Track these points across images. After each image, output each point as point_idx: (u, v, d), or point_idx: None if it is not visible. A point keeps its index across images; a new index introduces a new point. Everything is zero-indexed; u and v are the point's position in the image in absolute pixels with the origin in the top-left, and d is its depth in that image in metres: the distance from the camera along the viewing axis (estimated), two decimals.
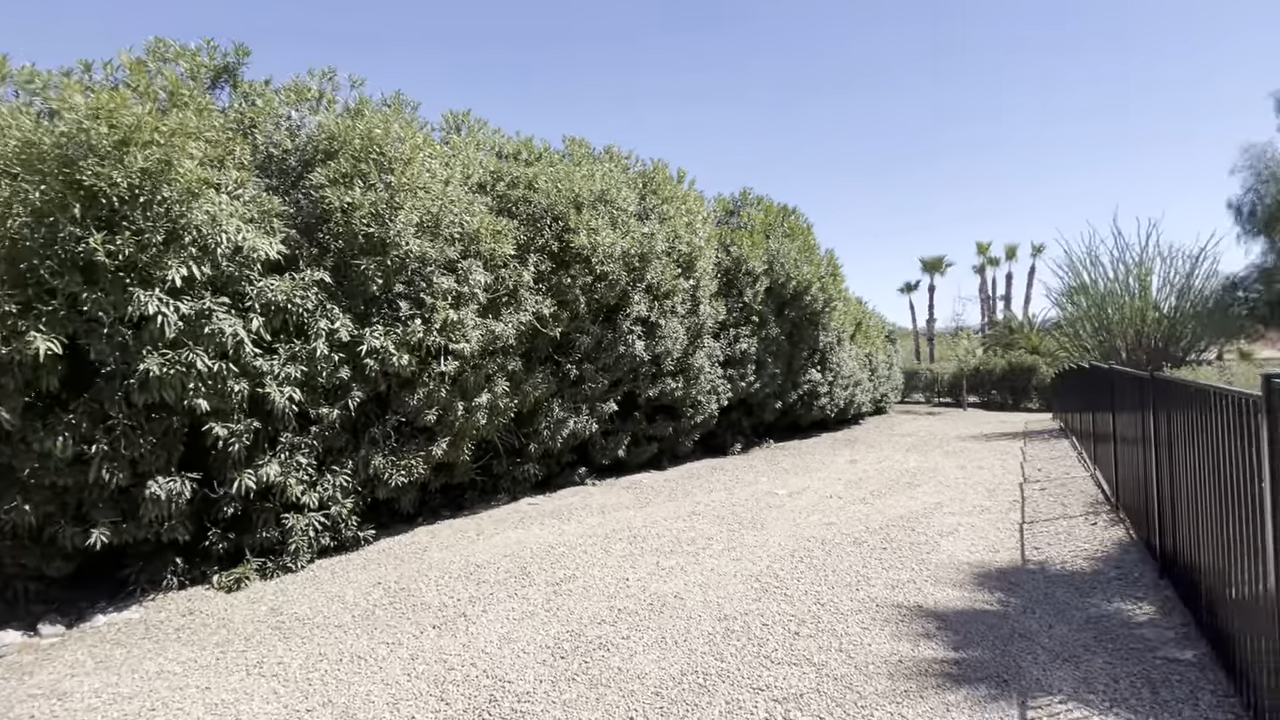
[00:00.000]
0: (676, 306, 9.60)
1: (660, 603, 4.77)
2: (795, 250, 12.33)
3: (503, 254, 6.86)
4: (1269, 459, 2.55)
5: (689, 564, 5.62)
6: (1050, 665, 3.58)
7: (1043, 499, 7.60)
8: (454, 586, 5.27)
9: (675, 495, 8.51)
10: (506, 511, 7.76)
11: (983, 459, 10.78)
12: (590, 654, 3.97)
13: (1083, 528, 6.24)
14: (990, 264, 35.26)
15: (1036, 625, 4.10)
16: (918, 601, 4.60)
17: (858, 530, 6.51)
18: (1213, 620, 3.56)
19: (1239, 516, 3.00)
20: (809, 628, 4.23)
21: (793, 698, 3.37)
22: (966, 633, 4.05)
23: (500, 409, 7.22)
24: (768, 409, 13.48)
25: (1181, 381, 4.06)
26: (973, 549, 5.77)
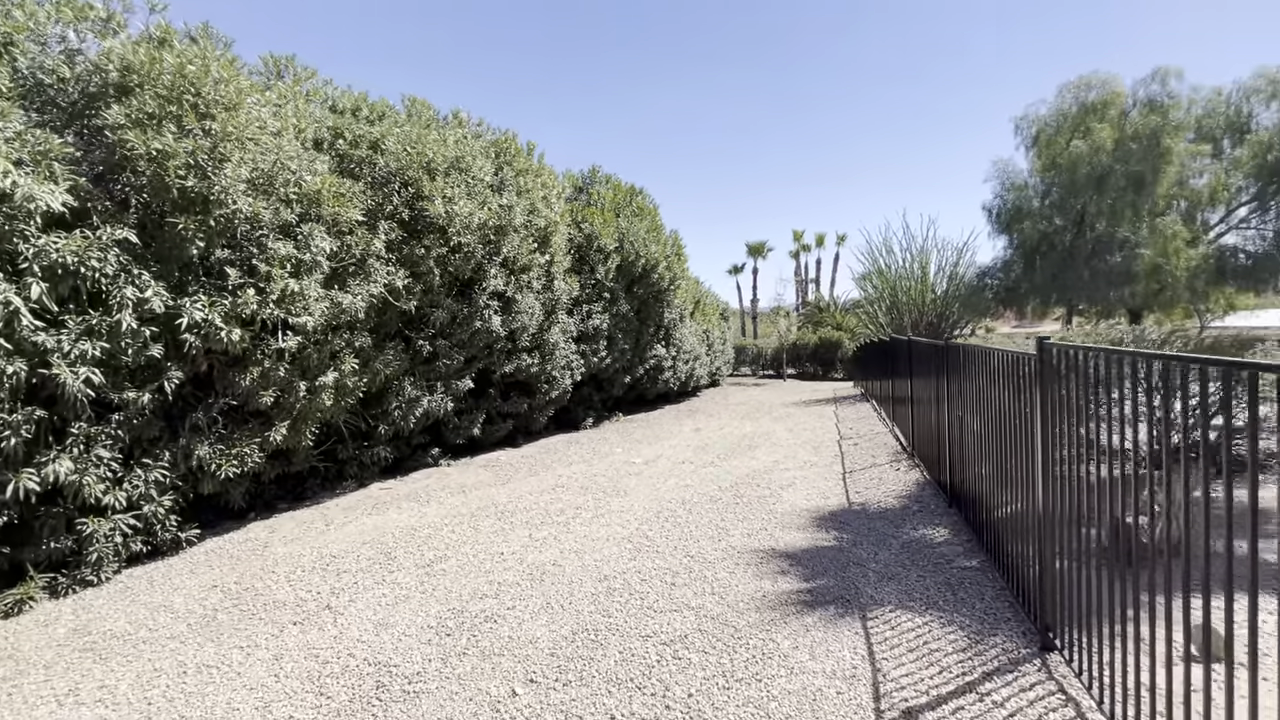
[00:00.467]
0: (532, 282, 9.52)
1: (539, 572, 4.84)
2: (644, 229, 12.79)
3: (348, 219, 6.28)
4: (1040, 407, 3.32)
5: (561, 533, 5.74)
6: (879, 584, 4.30)
7: (857, 452, 8.88)
8: (309, 580, 4.86)
9: (536, 470, 8.53)
10: (357, 498, 7.22)
11: (805, 422, 12.21)
12: (477, 628, 3.95)
13: (890, 473, 7.43)
14: (804, 250, 39.40)
15: (865, 554, 4.87)
16: (771, 545, 5.20)
17: (711, 489, 7.10)
18: (989, 535, 4.53)
19: (1014, 453, 3.85)
20: (683, 578, 4.59)
21: (678, 639, 3.68)
22: (812, 566, 4.69)
23: (348, 389, 6.67)
24: (617, 383, 13.92)
25: (969, 346, 5.02)
26: (808, 497, 6.61)
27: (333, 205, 6.13)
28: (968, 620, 3.69)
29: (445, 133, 7.92)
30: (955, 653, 3.34)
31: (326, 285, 6.24)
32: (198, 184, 4.97)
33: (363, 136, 7.04)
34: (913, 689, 3.04)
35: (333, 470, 7.56)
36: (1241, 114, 16.55)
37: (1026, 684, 3.01)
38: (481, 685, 3.31)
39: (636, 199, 13.44)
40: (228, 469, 5.58)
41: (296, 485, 7.23)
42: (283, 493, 7.07)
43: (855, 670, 3.25)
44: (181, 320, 4.95)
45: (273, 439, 5.98)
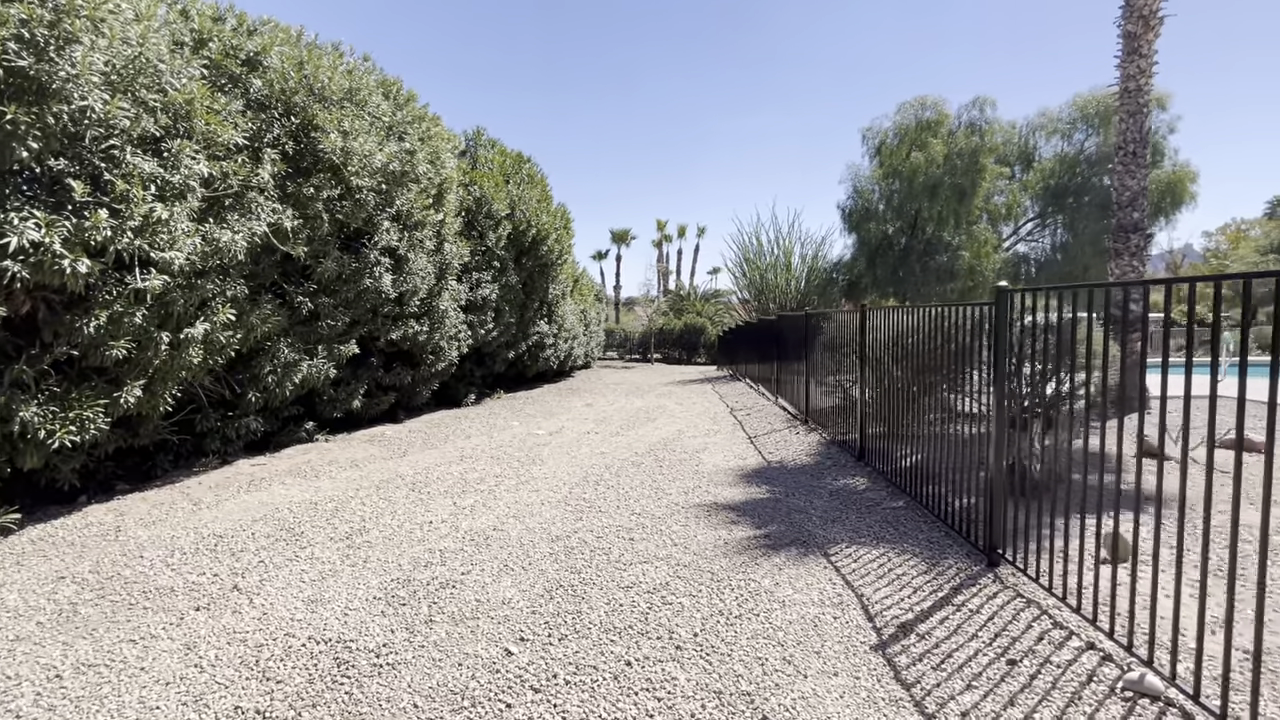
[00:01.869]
0: (425, 241, 8.75)
1: (482, 537, 4.48)
2: (535, 198, 12.33)
3: (227, 140, 5.27)
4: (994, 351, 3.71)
5: (489, 501, 5.37)
6: (825, 526, 4.57)
7: (751, 421, 9.37)
8: (197, 563, 4.04)
9: (432, 443, 7.89)
10: (224, 475, 6.13)
11: (691, 398, 12.63)
12: (435, 595, 3.55)
13: (791, 437, 7.94)
14: (666, 240, 40.65)
15: (801, 503, 5.15)
16: (710, 500, 5.30)
17: (629, 455, 7.07)
18: (906, 481, 5.02)
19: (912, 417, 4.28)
20: (638, 533, 4.51)
21: (661, 587, 3.61)
22: (758, 515, 4.85)
23: (219, 345, 5.62)
24: (499, 359, 13.34)
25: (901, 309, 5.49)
26: (726, 459, 6.84)
27: (206, 121, 5.10)
28: (917, 549, 4.05)
29: (335, 59, 6.94)
30: (919, 575, 3.65)
31: (199, 219, 5.19)
32: (35, 65, 3.84)
33: (238, 47, 5.94)
34: (897, 607, 3.27)
35: (188, 444, 6.36)
36: (1028, 146, 19.93)
37: (990, 592, 3.38)
38: (466, 649, 2.98)
39: (525, 166, 12.90)
40: (63, 436, 4.44)
41: (142, 462, 5.98)
42: (123, 471, 5.81)
43: (841, 597, 3.42)
44: (8, 241, 3.83)
45: (124, 401, 4.87)
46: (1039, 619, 3.07)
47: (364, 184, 6.71)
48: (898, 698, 2.51)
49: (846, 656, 2.83)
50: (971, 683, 2.59)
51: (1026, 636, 2.92)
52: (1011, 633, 2.96)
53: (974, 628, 3.02)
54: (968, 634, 2.97)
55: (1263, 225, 39.73)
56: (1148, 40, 8.25)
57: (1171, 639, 2.40)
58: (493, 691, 2.64)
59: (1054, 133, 19.25)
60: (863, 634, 3.03)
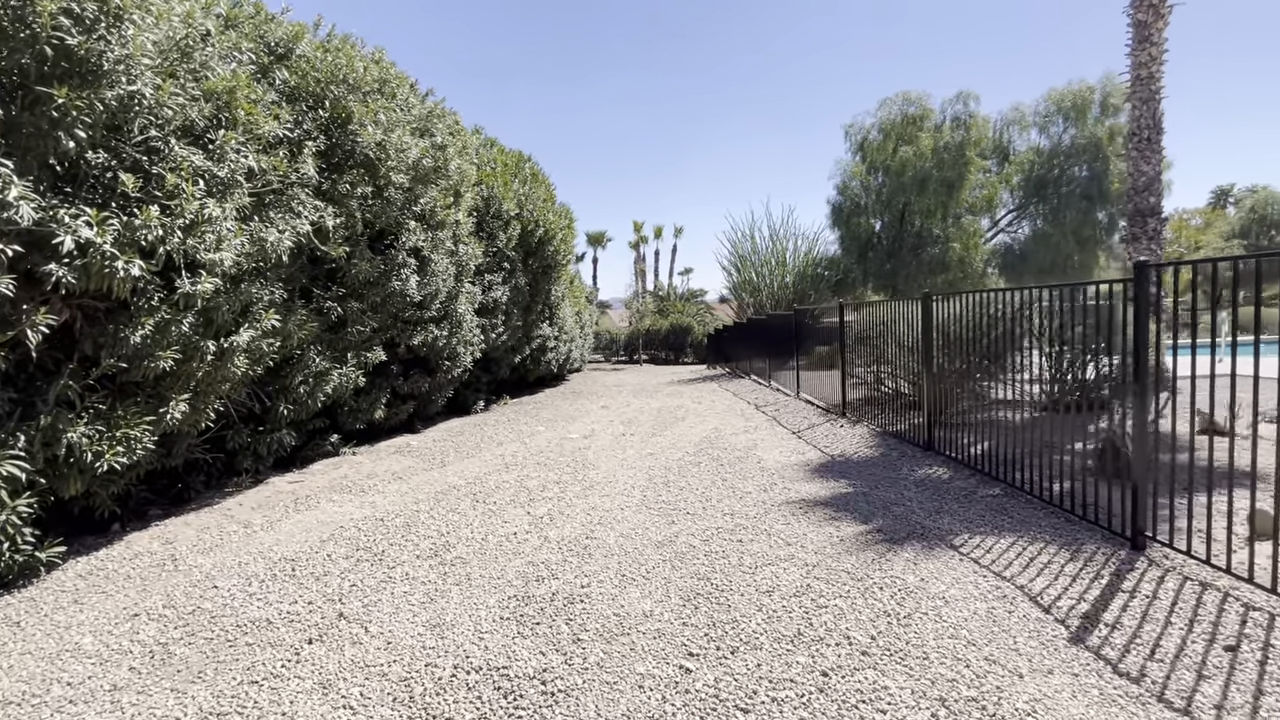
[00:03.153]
0: (445, 241, 8.38)
1: (580, 547, 4.21)
2: (541, 197, 12.01)
3: (268, 132, 4.88)
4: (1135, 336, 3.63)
5: (563, 508, 5.09)
6: (933, 518, 4.45)
7: (783, 416, 9.25)
8: (283, 590, 3.67)
9: (465, 453, 7.53)
10: (262, 495, 5.69)
11: (704, 397, 12.48)
12: (567, 611, 3.28)
13: (837, 429, 7.84)
14: (643, 241, 40.52)
15: (893, 495, 5.02)
16: (797, 496, 5.13)
17: (680, 455, 6.86)
18: (1001, 470, 4.95)
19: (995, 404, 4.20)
20: (744, 534, 4.31)
21: (803, 590, 3.41)
22: (855, 510, 4.70)
23: (261, 353, 5.21)
24: (504, 364, 12.94)
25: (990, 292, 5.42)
26: (784, 454, 6.69)
27: (247, 111, 4.70)
28: (1045, 536, 3.95)
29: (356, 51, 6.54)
30: (1066, 563, 3.54)
31: (243, 218, 4.78)
32: (85, 44, 3.43)
33: (265, 35, 5.52)
34: (1065, 598, 3.15)
35: (220, 463, 5.89)
36: (1003, 140, 20.45)
37: (1154, 575, 3.29)
38: (637, 669, 2.73)
39: (527, 165, 12.57)
40: (111, 458, 4.01)
41: (172, 484, 5.50)
42: (153, 494, 5.33)
43: (1000, 590, 3.28)
44: (61, 241, 3.40)
45: (170, 418, 4.44)
46: (1227, 600, 2.99)
47: (400, 180, 6.33)
48: (1135, 694, 2.38)
49: (1049, 652, 2.69)
50: (1201, 672, 2.47)
51: (1227, 619, 2.82)
52: (1207, 616, 2.86)
53: (1161, 614, 2.92)
54: (1158, 620, 2.86)
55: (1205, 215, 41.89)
56: (1158, 29, 8.45)
57: None
58: (697, 715, 2.41)
59: (1029, 126, 19.78)
60: (1048, 627, 2.89)
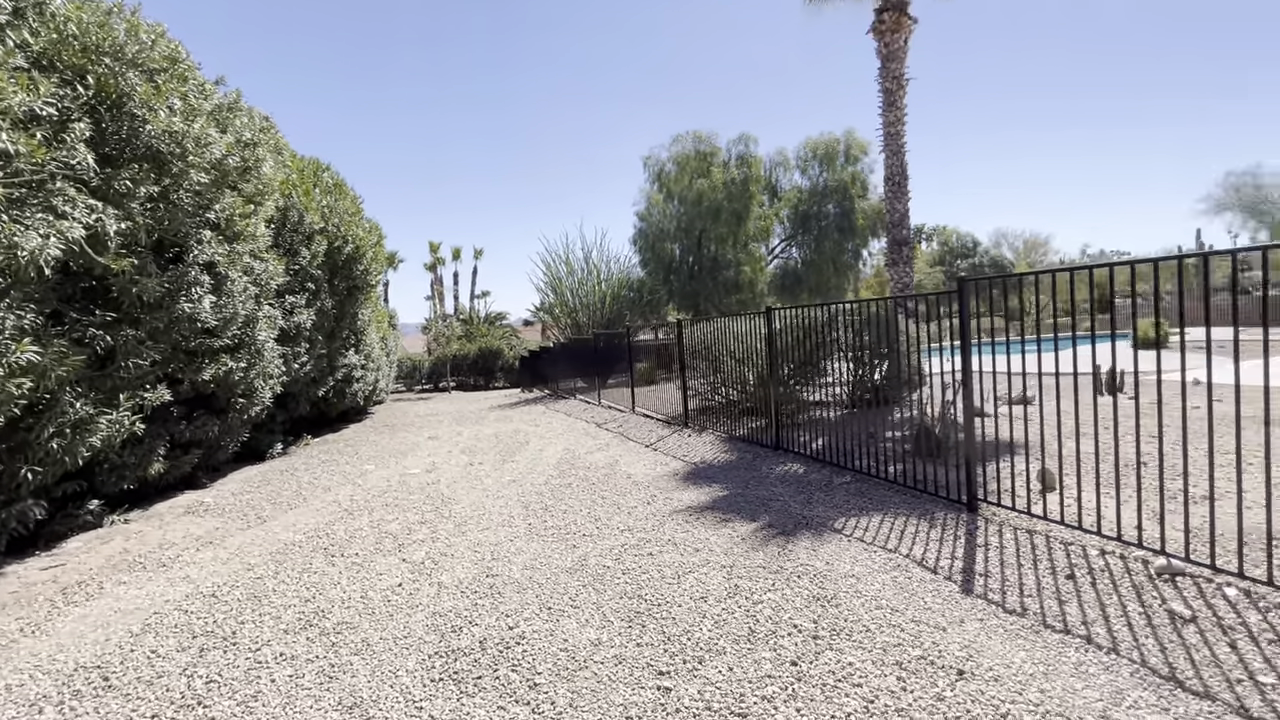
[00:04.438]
0: (245, 256, 7.11)
1: (485, 587, 3.85)
2: (347, 210, 10.80)
3: (21, 105, 3.70)
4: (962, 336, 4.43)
5: (445, 549, 4.60)
6: (808, 508, 4.92)
7: (629, 431, 9.47)
8: (103, 710, 2.74)
9: (286, 504, 6.39)
10: (4, 591, 4.16)
11: (538, 419, 12.24)
12: (509, 656, 2.98)
13: (686, 439, 8.24)
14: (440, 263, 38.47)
15: (765, 493, 5.44)
16: (681, 505, 5.28)
17: (545, 479, 6.64)
18: (844, 460, 5.67)
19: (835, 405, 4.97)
20: (650, 547, 4.32)
21: (733, 591, 3.54)
22: (739, 510, 5.01)
23: (9, 396, 3.88)
24: (303, 398, 11.30)
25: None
26: (650, 467, 6.85)
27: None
28: (902, 510, 4.61)
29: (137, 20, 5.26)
30: (927, 529, 4.17)
31: None
32: None
33: None
34: (943, 558, 3.71)
35: None
36: (773, 179, 23.70)
37: (993, 529, 4.03)
38: (615, 699, 2.58)
39: (326, 173, 11.23)
40: None
41: None
42: None
43: (891, 561, 3.75)
44: None
45: None
46: (1050, 540, 3.78)
47: (199, 180, 5.21)
48: (1027, 625, 2.89)
49: (953, 605, 3.14)
50: (1060, 598, 3.09)
51: (1055, 554, 3.58)
52: (1041, 554, 3.59)
53: (1012, 558, 3.60)
54: (1013, 564, 3.52)
55: None
56: (900, 96, 10.56)
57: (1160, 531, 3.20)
58: None
59: (792, 169, 23.20)
60: (941, 585, 3.38)
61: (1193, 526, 3.55)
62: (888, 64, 10.51)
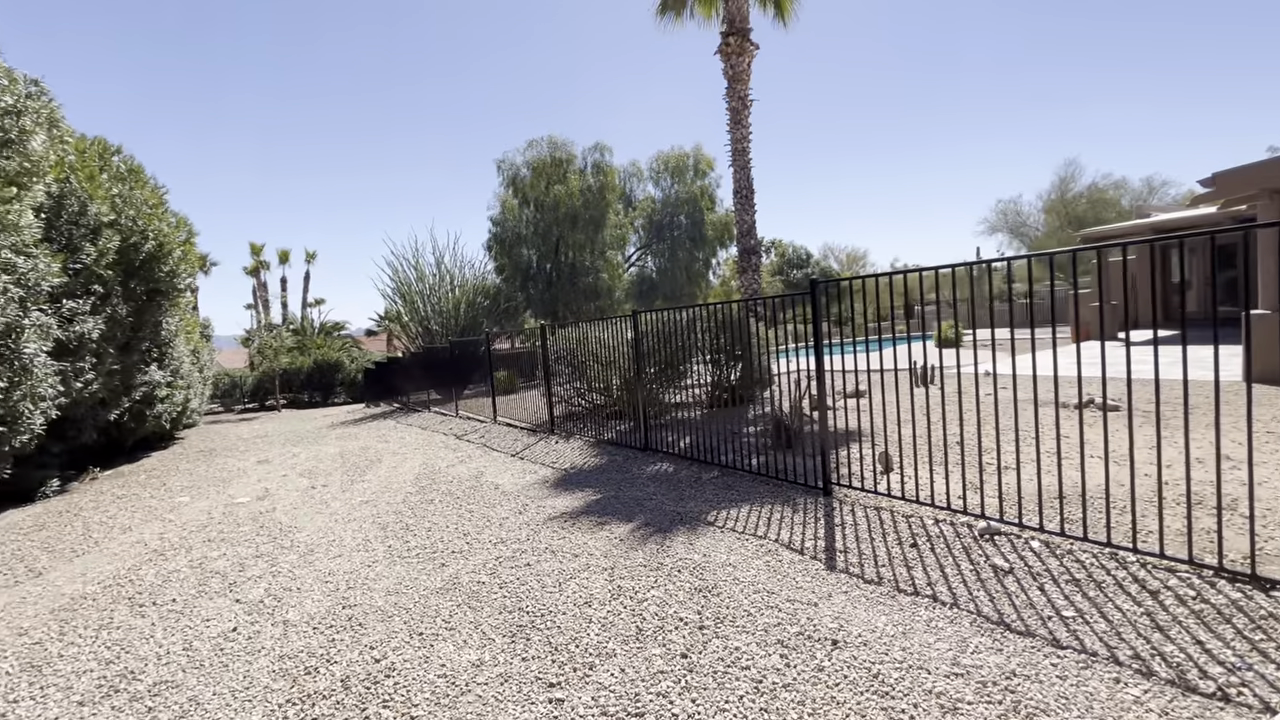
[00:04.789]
0: (3, 250, 5.79)
1: (343, 619, 3.45)
2: (145, 201, 9.23)
3: None
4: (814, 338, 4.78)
5: (289, 584, 4.06)
6: (681, 504, 5.03)
7: (492, 441, 9.09)
8: None
9: (70, 551, 5.25)
10: None
11: (389, 435, 11.35)
12: (376, 690, 2.68)
13: (554, 446, 8.08)
14: (263, 266, 34.32)
15: (639, 493, 5.48)
16: (555, 512, 5.16)
17: (401, 496, 6.16)
18: (712, 457, 5.90)
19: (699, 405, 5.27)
20: (526, 556, 4.16)
21: (619, 592, 3.51)
22: (614, 512, 5.00)
23: None
24: (86, 425, 9.46)
25: None
26: (516, 477, 6.62)
27: None
28: (768, 499, 4.87)
29: None
30: (791, 514, 4.45)
31: None
32: None
33: None
34: (808, 540, 3.97)
35: None
36: (627, 189, 24.32)
37: (848, 509, 4.39)
38: (504, 718, 2.41)
39: (116, 157, 9.52)
40: None
41: None
42: None
43: (762, 547, 3.94)
44: None
45: None
46: (894, 515, 4.20)
47: None
48: (885, 592, 3.18)
49: (821, 582, 3.37)
50: (908, 564, 3.44)
51: (900, 526, 3.98)
52: (889, 527, 3.99)
53: (865, 533, 3.95)
54: (866, 539, 3.87)
55: None
56: (745, 115, 11.34)
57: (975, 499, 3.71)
58: None
59: (645, 180, 23.99)
60: (809, 564, 3.62)
61: (1003, 493, 4.16)
62: (734, 84, 11.23)
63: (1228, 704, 2.13)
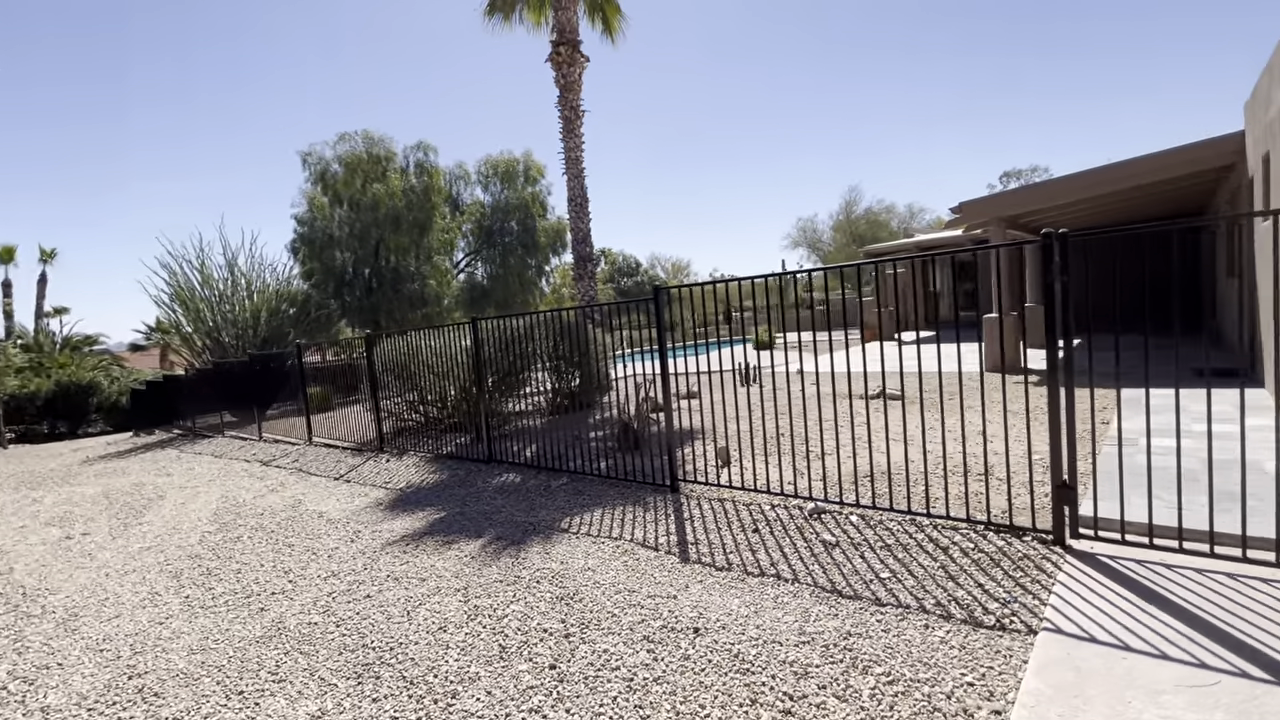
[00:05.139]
0: None
1: (130, 690, 2.86)
2: None
3: None
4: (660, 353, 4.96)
5: (48, 657, 3.27)
6: (532, 513, 4.93)
7: (311, 465, 8.12)
8: None
9: None
10: None
11: (173, 466, 9.63)
12: None
13: (386, 465, 7.43)
14: None
15: (487, 507, 5.26)
16: (393, 536, 4.77)
17: (198, 537, 5.27)
18: (560, 465, 5.87)
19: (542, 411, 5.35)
20: (365, 587, 3.79)
21: (475, 612, 3.34)
22: (461, 530, 4.75)
23: None
24: None
25: None
26: (343, 502, 5.99)
27: None
28: (619, 501, 4.95)
29: None
30: (643, 513, 4.57)
31: None
32: None
33: None
34: (660, 536, 4.11)
35: None
36: (454, 192, 23.35)
37: (695, 502, 4.62)
38: None
39: None
40: None
41: None
42: None
43: (621, 548, 4.00)
44: None
45: None
46: (735, 504, 4.51)
47: None
48: (735, 577, 3.40)
49: (676, 575, 3.51)
50: (753, 549, 3.72)
51: (742, 514, 4.29)
52: (732, 516, 4.27)
53: (712, 524, 4.19)
54: (714, 529, 4.11)
55: None
56: (578, 125, 11.49)
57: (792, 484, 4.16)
58: None
59: (474, 183, 23.21)
60: (663, 559, 3.75)
61: (826, 475, 4.68)
62: (565, 94, 11.32)
63: (1004, 632, 2.61)
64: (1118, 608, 2.65)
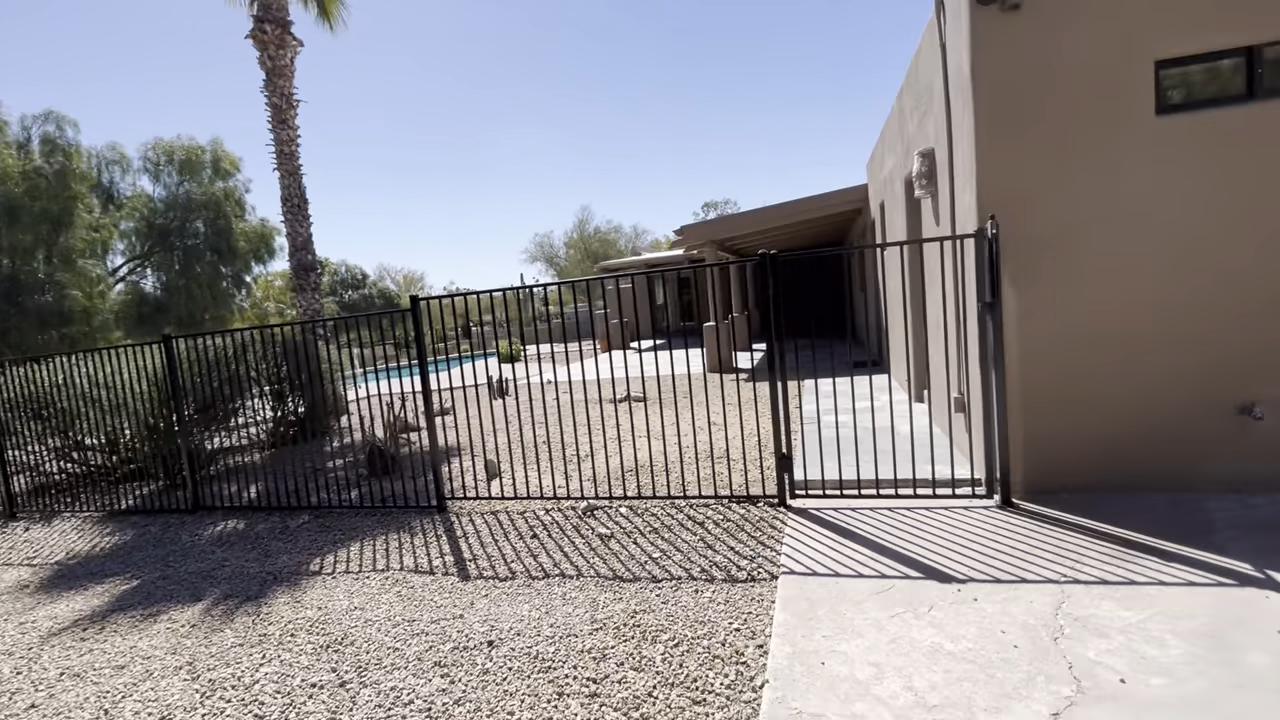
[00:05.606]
0: None
1: None
2: None
3: None
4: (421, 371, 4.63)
5: None
6: (268, 562, 4.21)
7: None
8: None
9: None
10: None
11: None
12: None
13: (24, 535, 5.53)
14: None
15: (199, 566, 4.32)
16: (65, 621, 3.64)
17: None
18: (289, 501, 5.10)
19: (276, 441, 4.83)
20: (26, 695, 2.83)
21: (188, 691, 2.75)
22: (170, 596, 3.86)
23: None
24: None
25: None
26: None
27: None
28: (380, 528, 4.50)
29: None
30: (408, 538, 4.25)
31: None
32: None
33: None
34: (409, 559, 3.88)
35: None
36: (107, 181, 18.53)
37: (466, 518, 4.44)
38: None
39: None
40: None
41: None
42: None
43: (393, 578, 3.67)
44: None
45: None
46: (509, 514, 4.47)
47: None
48: (518, 585, 3.40)
49: (460, 597, 3.37)
50: (534, 554, 3.76)
51: (517, 522, 4.28)
52: (509, 526, 4.24)
53: (488, 537, 4.11)
54: (490, 541, 4.04)
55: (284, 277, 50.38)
56: (290, 115, 10.11)
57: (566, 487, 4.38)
58: None
59: (139, 172, 18.71)
60: (441, 581, 3.57)
61: (595, 475, 4.94)
62: (274, 79, 9.90)
63: (755, 582, 3.12)
64: (828, 546, 3.38)
